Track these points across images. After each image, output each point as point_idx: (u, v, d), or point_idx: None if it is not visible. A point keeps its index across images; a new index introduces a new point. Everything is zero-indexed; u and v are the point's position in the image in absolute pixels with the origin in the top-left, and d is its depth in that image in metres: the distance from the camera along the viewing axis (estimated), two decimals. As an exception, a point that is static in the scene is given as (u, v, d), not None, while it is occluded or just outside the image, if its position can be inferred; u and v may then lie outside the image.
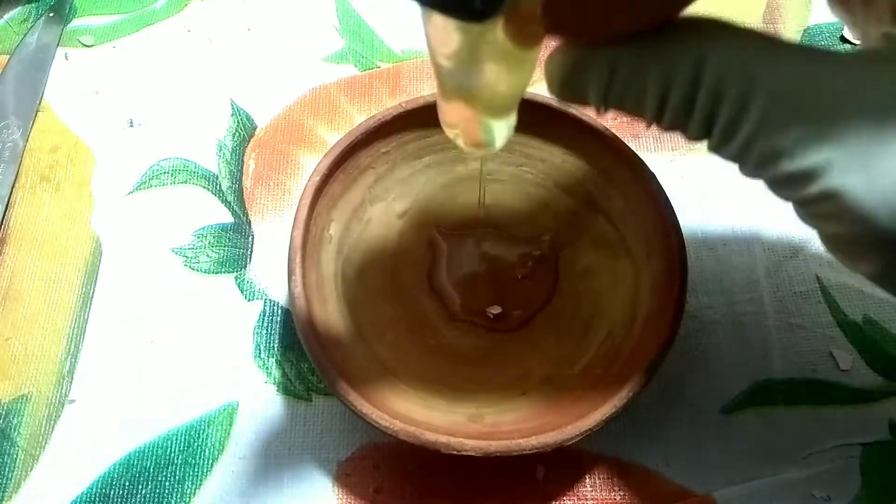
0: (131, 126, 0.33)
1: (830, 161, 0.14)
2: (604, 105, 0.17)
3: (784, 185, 0.16)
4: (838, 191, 0.14)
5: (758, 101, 0.15)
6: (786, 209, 0.32)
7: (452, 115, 0.20)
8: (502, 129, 0.20)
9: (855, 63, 0.15)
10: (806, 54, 0.15)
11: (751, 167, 0.16)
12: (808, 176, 0.15)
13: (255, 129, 0.33)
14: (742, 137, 0.15)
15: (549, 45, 0.17)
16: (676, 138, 0.32)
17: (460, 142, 0.21)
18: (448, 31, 0.17)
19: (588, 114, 0.26)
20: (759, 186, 0.32)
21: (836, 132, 0.14)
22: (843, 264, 0.17)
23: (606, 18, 0.15)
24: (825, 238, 0.17)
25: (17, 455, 0.26)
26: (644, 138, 0.32)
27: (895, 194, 0.14)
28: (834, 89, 0.14)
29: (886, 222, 0.14)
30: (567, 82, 0.17)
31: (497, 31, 0.16)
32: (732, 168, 0.34)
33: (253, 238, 0.30)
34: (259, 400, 0.27)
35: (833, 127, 0.14)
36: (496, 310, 0.27)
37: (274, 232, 0.30)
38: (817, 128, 0.14)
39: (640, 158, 0.26)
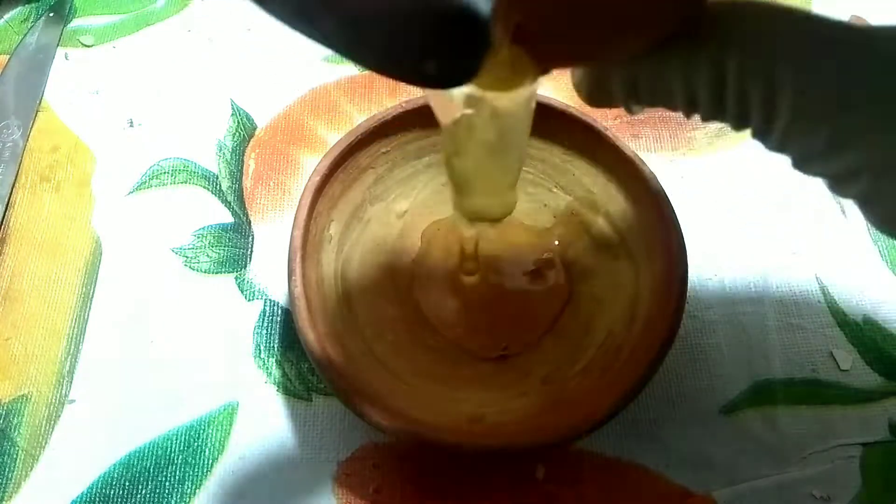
0: (131, 126, 0.33)
1: (863, 163, 0.14)
2: (634, 106, 0.16)
3: (830, 186, 0.15)
4: (877, 194, 0.14)
5: (784, 104, 0.14)
6: (786, 209, 0.32)
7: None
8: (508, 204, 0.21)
9: (884, 46, 0.14)
10: (834, 39, 0.14)
11: (793, 163, 0.15)
12: (845, 179, 0.14)
13: (255, 129, 0.33)
14: (776, 136, 0.15)
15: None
16: (676, 138, 0.32)
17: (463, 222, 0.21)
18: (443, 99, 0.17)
19: (588, 114, 0.26)
20: (758, 186, 0.32)
21: (868, 133, 0.13)
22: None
23: (603, 51, 0.15)
24: (883, 219, 0.16)
25: (17, 455, 0.26)
26: (644, 138, 0.32)
27: None
28: (859, 84, 0.13)
29: None
30: (593, 94, 0.16)
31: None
32: (732, 168, 0.34)
33: (253, 238, 0.30)
34: (259, 400, 0.27)
35: (865, 127, 0.13)
36: (504, 347, 0.27)
37: (274, 232, 0.30)
38: (849, 129, 0.13)
39: (640, 158, 0.26)
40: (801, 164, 0.15)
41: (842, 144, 0.14)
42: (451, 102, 0.17)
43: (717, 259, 0.29)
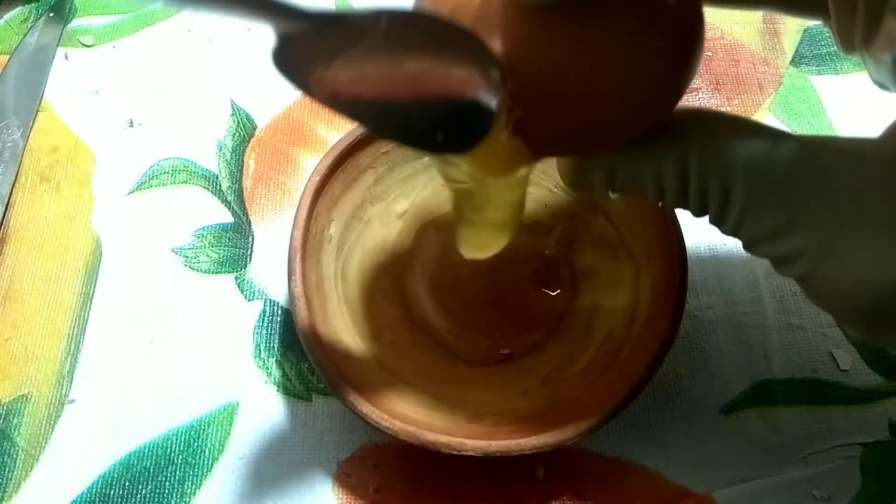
0: (131, 126, 0.33)
1: (803, 249, 0.16)
2: (612, 194, 0.19)
3: (775, 265, 0.17)
4: (813, 276, 0.16)
5: (736, 198, 0.16)
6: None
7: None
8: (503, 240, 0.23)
9: (825, 151, 0.16)
10: (781, 146, 0.16)
11: (744, 247, 0.18)
12: (787, 260, 0.16)
13: (255, 129, 0.33)
14: (730, 223, 0.17)
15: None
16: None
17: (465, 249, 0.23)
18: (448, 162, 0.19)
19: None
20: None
21: (806, 222, 0.16)
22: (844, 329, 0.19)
23: (585, 148, 0.18)
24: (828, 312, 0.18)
25: (17, 455, 0.26)
26: (644, 138, 0.32)
27: (863, 279, 0.15)
28: (801, 184, 0.16)
29: (864, 303, 0.16)
30: (575, 182, 0.19)
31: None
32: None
33: (253, 238, 0.30)
34: (259, 400, 0.27)
35: (804, 217, 0.16)
36: (505, 351, 0.27)
37: (274, 232, 0.30)
38: (789, 219, 0.16)
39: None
40: (751, 246, 0.17)
41: (785, 232, 0.16)
42: (452, 169, 0.19)
43: (717, 259, 0.29)
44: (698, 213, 0.18)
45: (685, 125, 0.17)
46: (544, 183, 0.29)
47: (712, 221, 0.18)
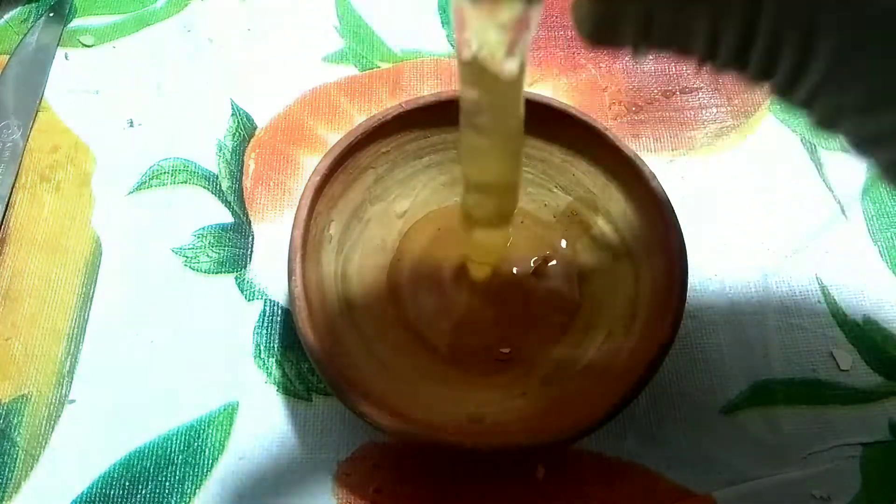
0: (131, 126, 0.33)
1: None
2: (644, 47, 0.14)
3: (858, 147, 0.14)
4: None
5: (824, 49, 0.12)
6: (786, 209, 0.32)
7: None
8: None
9: None
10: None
11: (818, 120, 0.14)
12: (879, 140, 0.13)
13: (255, 129, 0.33)
14: (806, 89, 0.13)
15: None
16: (676, 138, 0.32)
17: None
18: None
19: (588, 114, 0.26)
20: (758, 186, 0.32)
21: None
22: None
23: None
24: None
25: (17, 455, 0.26)
26: (644, 138, 0.32)
27: None
28: None
29: None
30: (598, 27, 0.15)
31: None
32: (732, 168, 0.34)
33: (253, 238, 0.30)
34: (259, 400, 0.27)
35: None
36: (505, 350, 0.27)
37: (274, 232, 0.30)
38: (889, 87, 0.12)
39: (640, 158, 0.26)
40: (827, 122, 0.14)
41: (882, 103, 0.12)
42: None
43: (717, 259, 0.29)
44: (758, 77, 0.14)
45: None
46: (544, 183, 0.29)
47: (779, 87, 0.14)
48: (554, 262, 0.28)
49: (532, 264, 0.28)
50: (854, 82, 0.13)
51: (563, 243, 0.28)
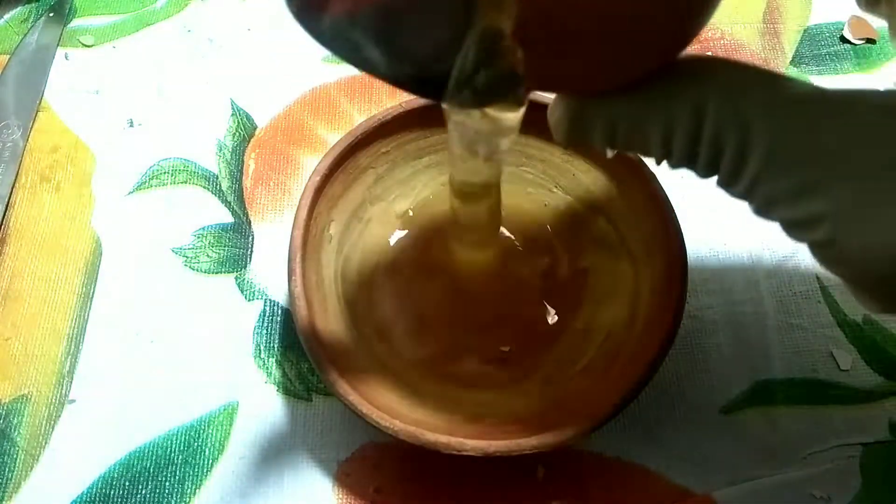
0: (131, 126, 0.33)
1: (827, 210, 0.14)
2: (610, 150, 0.17)
3: (790, 230, 0.16)
4: (837, 239, 0.15)
5: (757, 150, 0.15)
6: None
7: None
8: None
9: (855, 108, 0.15)
10: (808, 97, 0.15)
11: (756, 210, 0.16)
12: (808, 223, 0.15)
13: (255, 129, 0.33)
14: (744, 183, 0.15)
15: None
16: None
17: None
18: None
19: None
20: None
21: (832, 181, 0.14)
22: (857, 301, 0.17)
23: (589, 80, 0.16)
24: (842, 280, 0.17)
25: (17, 455, 0.26)
26: (644, 138, 0.32)
27: (892, 243, 0.14)
28: (831, 138, 0.14)
29: (887, 269, 0.14)
30: (570, 134, 0.17)
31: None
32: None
33: (253, 238, 0.30)
34: (259, 400, 0.27)
35: (830, 176, 0.14)
36: (505, 348, 0.27)
37: (274, 232, 0.30)
38: (814, 177, 0.14)
39: (640, 158, 0.26)
40: (765, 208, 0.16)
41: (808, 192, 0.14)
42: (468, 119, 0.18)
43: (717, 259, 0.29)
44: (706, 171, 0.16)
45: (697, 68, 0.15)
46: (544, 183, 0.29)
47: (722, 181, 0.16)
48: (554, 262, 0.28)
49: (532, 264, 0.28)
50: (783, 174, 0.15)
51: (563, 243, 0.28)
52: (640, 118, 0.16)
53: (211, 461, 0.26)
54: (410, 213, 0.29)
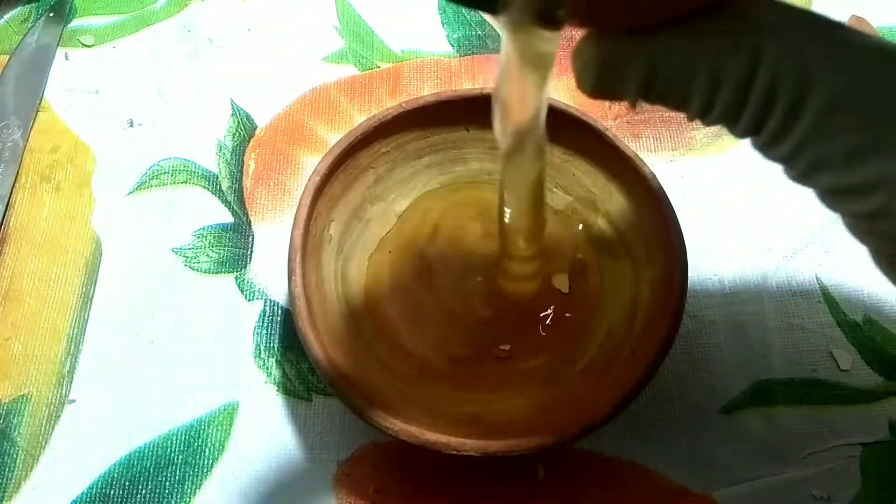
0: (131, 126, 0.33)
1: (884, 176, 0.13)
2: (643, 101, 0.15)
3: (833, 198, 0.15)
4: (889, 209, 0.13)
5: (814, 104, 0.13)
6: (785, 209, 0.32)
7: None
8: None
9: None
10: (875, 52, 0.13)
11: (797, 175, 0.15)
12: (858, 190, 0.14)
13: (255, 129, 0.33)
14: (793, 141, 0.14)
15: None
16: (676, 138, 0.32)
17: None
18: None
19: (589, 114, 0.26)
20: (758, 186, 0.32)
21: (894, 143, 0.13)
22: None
23: (634, 9, 0.14)
24: (878, 255, 0.15)
25: (17, 455, 0.26)
26: (644, 138, 0.32)
27: None
28: (886, 88, 0.13)
29: None
30: (600, 78, 0.15)
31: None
32: (732, 168, 0.34)
33: (253, 238, 0.30)
34: (259, 400, 0.27)
35: (892, 137, 0.13)
36: (505, 348, 0.27)
37: (274, 232, 0.30)
38: (874, 138, 0.13)
39: (640, 158, 0.26)
40: (809, 173, 0.14)
41: (864, 155, 0.13)
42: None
43: (717, 259, 0.29)
44: (748, 127, 0.14)
45: (756, 10, 0.14)
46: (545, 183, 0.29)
47: (765, 139, 0.14)
48: (554, 262, 0.28)
49: (532, 264, 0.28)
50: (842, 132, 0.13)
51: (563, 243, 0.28)
52: (686, 58, 0.14)
53: (211, 461, 0.26)
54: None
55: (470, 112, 0.27)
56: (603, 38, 0.15)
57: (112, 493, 0.25)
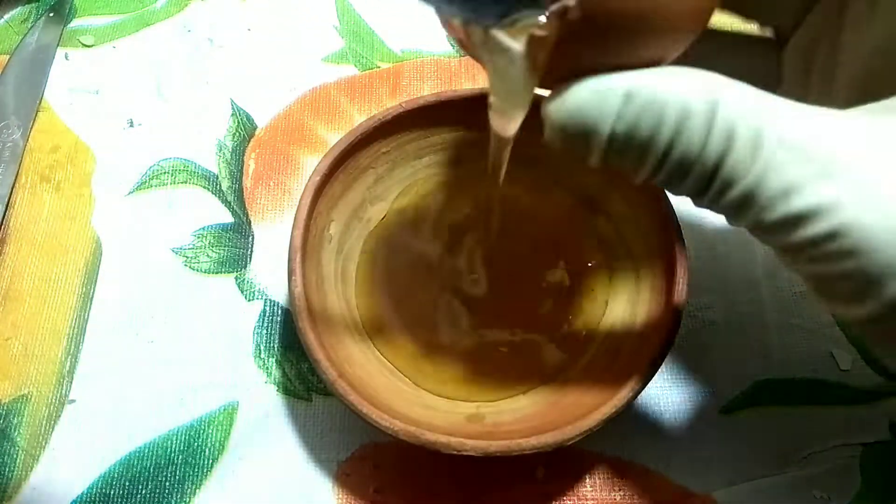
0: (131, 126, 0.33)
1: (840, 197, 0.14)
2: (608, 149, 0.17)
3: (786, 227, 0.16)
4: (848, 227, 0.15)
5: (769, 142, 0.15)
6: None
7: None
8: None
9: (855, 114, 0.15)
10: (807, 106, 0.15)
11: (755, 211, 0.17)
12: (814, 213, 0.15)
13: (255, 129, 0.33)
14: (751, 179, 0.16)
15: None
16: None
17: None
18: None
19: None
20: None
21: (844, 170, 0.15)
22: (831, 310, 0.17)
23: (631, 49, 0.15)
24: (817, 282, 0.16)
25: (17, 455, 0.26)
26: (644, 138, 0.32)
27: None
28: (839, 134, 0.15)
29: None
30: (572, 118, 0.16)
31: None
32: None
33: (253, 238, 0.30)
34: (259, 400, 0.27)
35: (843, 165, 0.15)
36: (504, 348, 0.27)
37: (274, 232, 0.30)
38: (826, 167, 0.15)
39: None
40: (761, 211, 0.16)
41: (815, 183, 0.15)
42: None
43: (717, 259, 0.29)
44: (698, 186, 0.17)
45: (705, 72, 0.15)
46: (544, 183, 0.29)
47: (717, 186, 0.17)
48: (554, 261, 0.28)
49: (532, 264, 0.28)
50: (796, 162, 0.15)
51: (563, 243, 0.28)
52: (656, 95, 0.15)
53: (211, 461, 0.26)
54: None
55: (470, 112, 0.27)
56: (572, 85, 0.16)
57: (112, 493, 0.25)
